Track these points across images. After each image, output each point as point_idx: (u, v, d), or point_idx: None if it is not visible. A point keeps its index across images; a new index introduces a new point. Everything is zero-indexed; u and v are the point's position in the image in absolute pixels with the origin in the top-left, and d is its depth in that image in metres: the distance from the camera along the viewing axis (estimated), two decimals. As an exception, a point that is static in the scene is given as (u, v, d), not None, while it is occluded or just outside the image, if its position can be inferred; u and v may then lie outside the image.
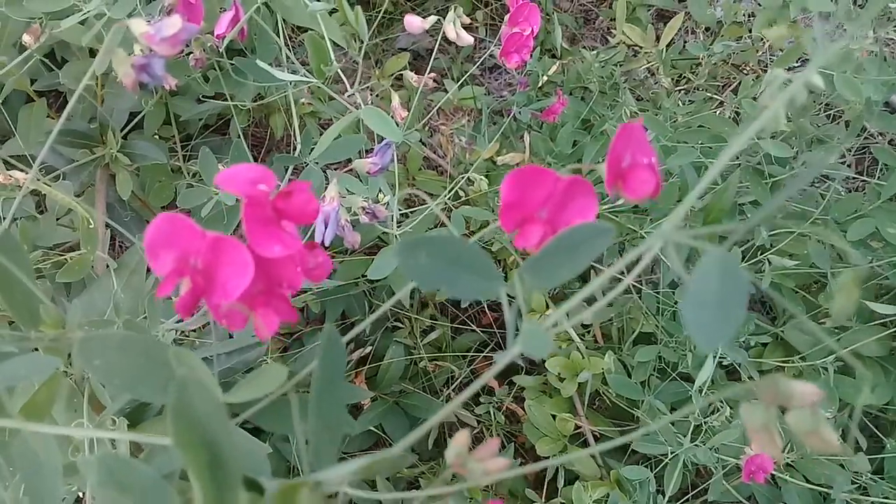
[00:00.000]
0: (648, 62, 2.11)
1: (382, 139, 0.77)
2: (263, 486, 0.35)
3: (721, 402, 1.39)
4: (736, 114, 1.54)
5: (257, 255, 0.40)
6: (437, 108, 2.14)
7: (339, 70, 1.09)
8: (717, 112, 1.69)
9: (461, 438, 0.37)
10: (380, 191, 0.99)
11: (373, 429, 1.69)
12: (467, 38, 0.91)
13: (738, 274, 0.30)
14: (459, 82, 1.60)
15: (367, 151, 1.03)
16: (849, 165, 1.95)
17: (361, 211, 0.75)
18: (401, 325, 1.85)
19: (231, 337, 1.05)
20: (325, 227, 0.70)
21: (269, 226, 0.41)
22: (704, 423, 1.26)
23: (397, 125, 0.88)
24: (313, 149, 1.23)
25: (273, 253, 0.41)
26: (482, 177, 1.16)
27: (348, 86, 1.52)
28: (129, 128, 1.48)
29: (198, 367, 0.45)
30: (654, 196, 0.43)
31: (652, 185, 0.43)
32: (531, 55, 0.95)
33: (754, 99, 1.33)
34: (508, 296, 0.40)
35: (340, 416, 0.38)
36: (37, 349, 0.66)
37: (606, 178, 0.43)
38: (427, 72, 1.06)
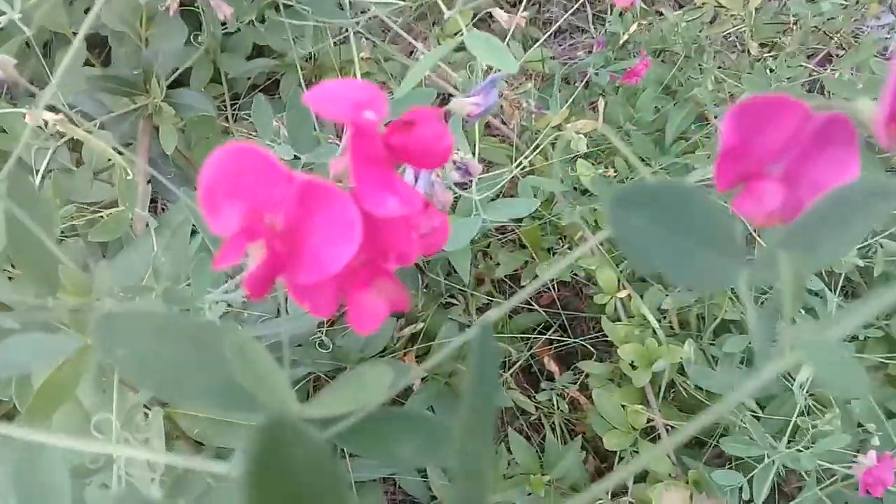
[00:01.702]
0: (733, 26, 1.94)
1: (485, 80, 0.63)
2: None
3: (814, 399, 1.25)
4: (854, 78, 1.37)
5: (365, 211, 0.27)
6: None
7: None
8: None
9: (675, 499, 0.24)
10: (458, 149, 0.86)
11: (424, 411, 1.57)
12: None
13: None
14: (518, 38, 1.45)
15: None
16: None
17: (452, 166, 0.61)
18: (455, 301, 1.73)
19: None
20: (416, 182, 0.56)
21: (380, 170, 0.28)
22: (811, 424, 1.12)
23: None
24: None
25: (387, 210, 0.27)
26: (580, 136, 1.02)
27: (412, 40, 1.38)
28: (172, 85, 1.36)
29: (264, 362, 0.32)
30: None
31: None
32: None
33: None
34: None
35: (488, 458, 0.25)
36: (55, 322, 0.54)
37: (881, 118, 0.29)
38: (510, 31, 0.92)
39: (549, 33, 1.10)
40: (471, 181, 1.04)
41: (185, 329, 0.31)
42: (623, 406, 1.47)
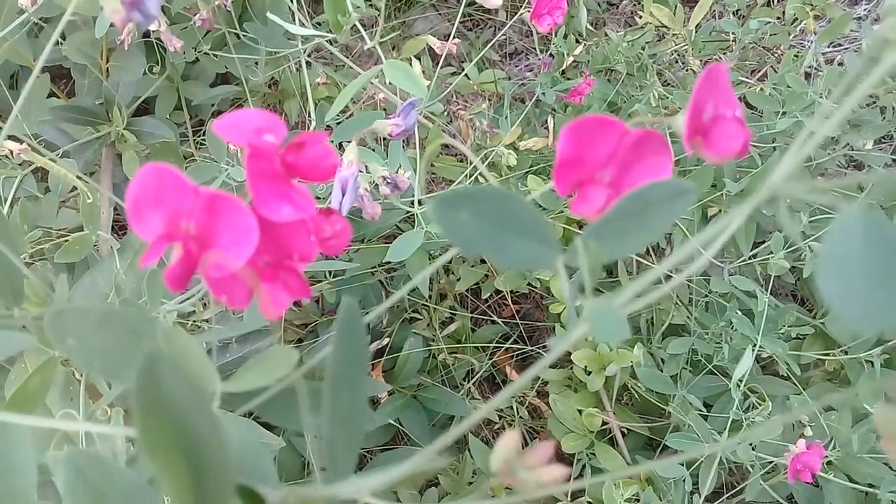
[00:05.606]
0: (676, 44, 2.03)
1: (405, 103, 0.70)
2: (264, 498, 0.28)
3: (757, 397, 1.32)
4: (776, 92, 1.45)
5: (263, 218, 0.33)
6: (452, 90, 2.06)
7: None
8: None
9: (510, 440, 0.30)
10: (399, 165, 0.92)
11: (391, 422, 1.62)
12: (496, 0, 0.84)
13: (891, 236, 0.23)
14: (472, 60, 1.52)
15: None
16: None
17: (382, 181, 0.67)
18: (419, 316, 1.78)
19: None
20: (343, 195, 0.62)
21: (277, 183, 0.34)
22: (745, 418, 1.19)
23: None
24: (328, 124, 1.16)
25: (281, 216, 0.34)
26: (510, 152, 1.09)
27: (356, 68, 1.45)
28: (137, 113, 1.41)
29: (189, 346, 0.38)
30: (742, 155, 0.36)
31: (741, 142, 0.35)
32: (563, 18, 0.88)
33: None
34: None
35: (360, 409, 0.31)
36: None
37: (685, 132, 0.35)
38: (442, 56, 0.99)
39: (482, 52, 1.17)
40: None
41: (121, 320, 0.37)
42: (579, 410, 1.53)
